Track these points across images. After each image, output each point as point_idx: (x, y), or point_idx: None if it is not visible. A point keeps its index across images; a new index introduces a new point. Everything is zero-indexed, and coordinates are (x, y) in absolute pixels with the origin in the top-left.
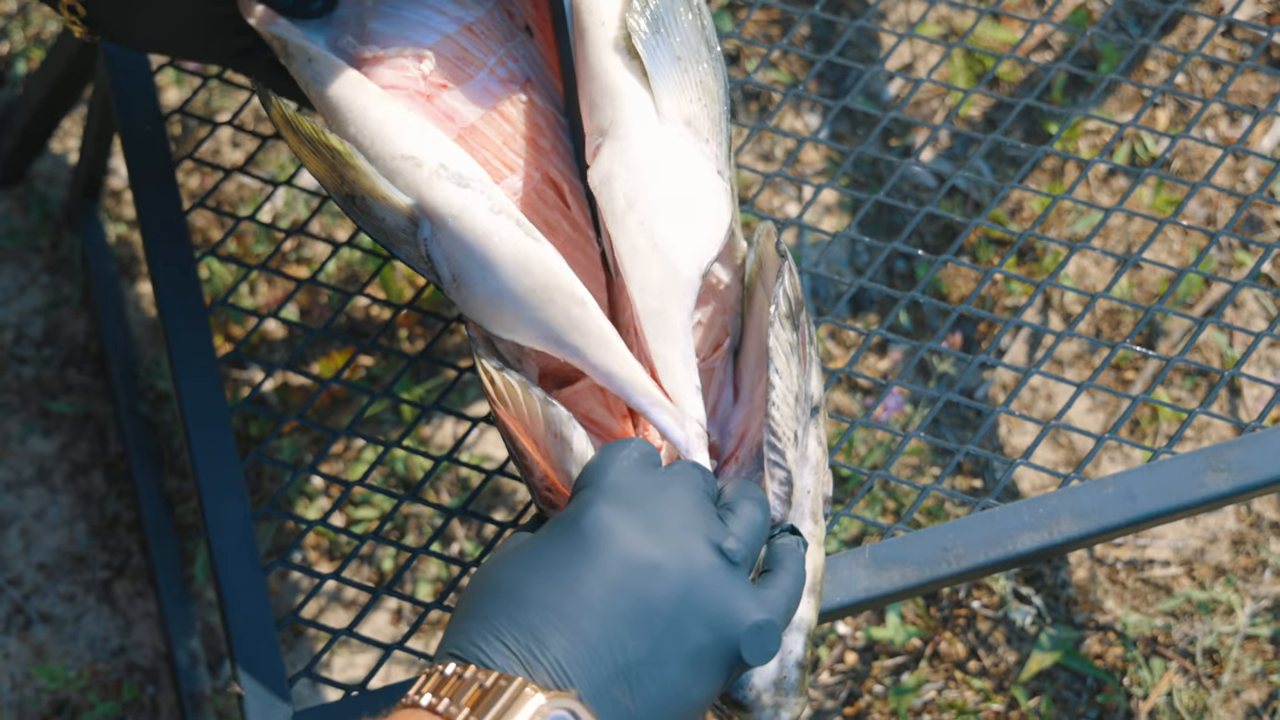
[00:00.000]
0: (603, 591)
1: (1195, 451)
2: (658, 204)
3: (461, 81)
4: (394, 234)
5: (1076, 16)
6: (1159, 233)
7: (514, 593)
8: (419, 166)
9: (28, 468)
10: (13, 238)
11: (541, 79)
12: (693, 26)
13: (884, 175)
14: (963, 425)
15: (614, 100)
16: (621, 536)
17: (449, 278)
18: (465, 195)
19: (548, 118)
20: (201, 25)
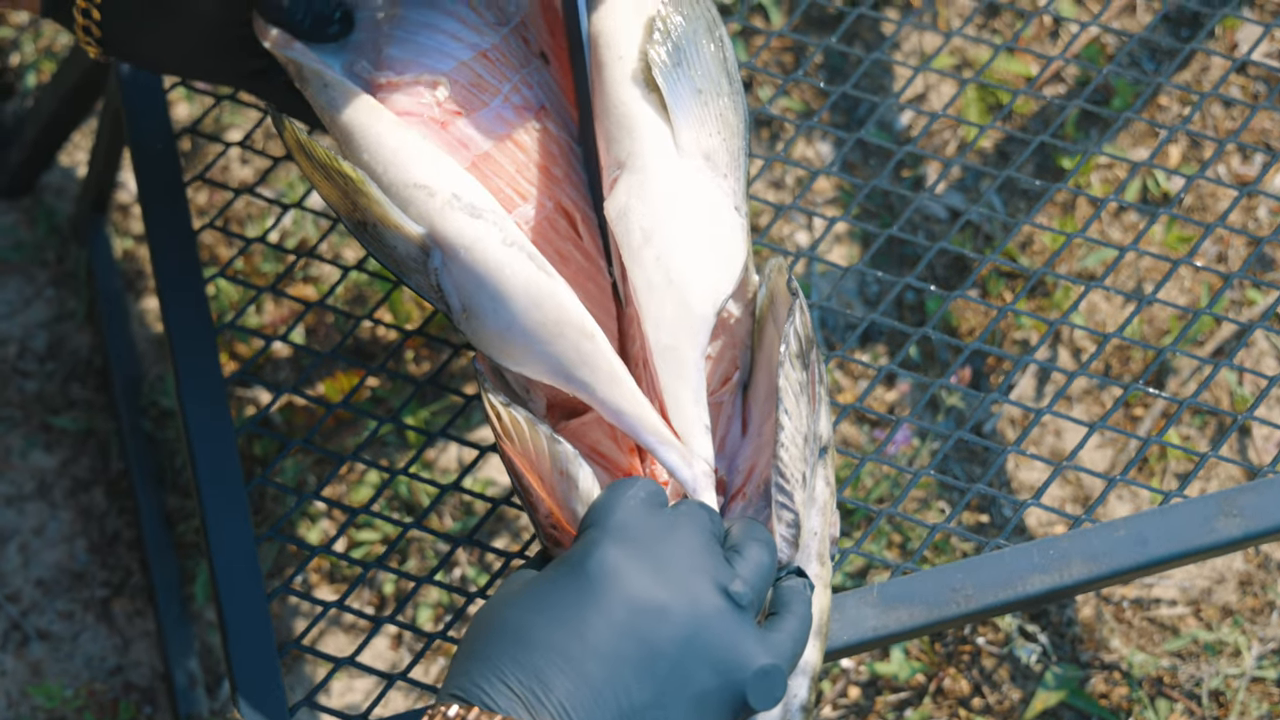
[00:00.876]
0: (608, 634)
1: (1207, 496)
2: (675, 239)
3: (476, 109)
4: (405, 262)
5: (1090, 51)
6: (1173, 273)
7: (518, 634)
8: (431, 196)
9: (28, 482)
10: (19, 250)
11: (556, 106)
12: (714, 58)
13: (894, 205)
14: (970, 458)
15: (632, 133)
16: (627, 578)
17: (459, 308)
18: (478, 226)
19: (561, 146)
20: (216, 47)
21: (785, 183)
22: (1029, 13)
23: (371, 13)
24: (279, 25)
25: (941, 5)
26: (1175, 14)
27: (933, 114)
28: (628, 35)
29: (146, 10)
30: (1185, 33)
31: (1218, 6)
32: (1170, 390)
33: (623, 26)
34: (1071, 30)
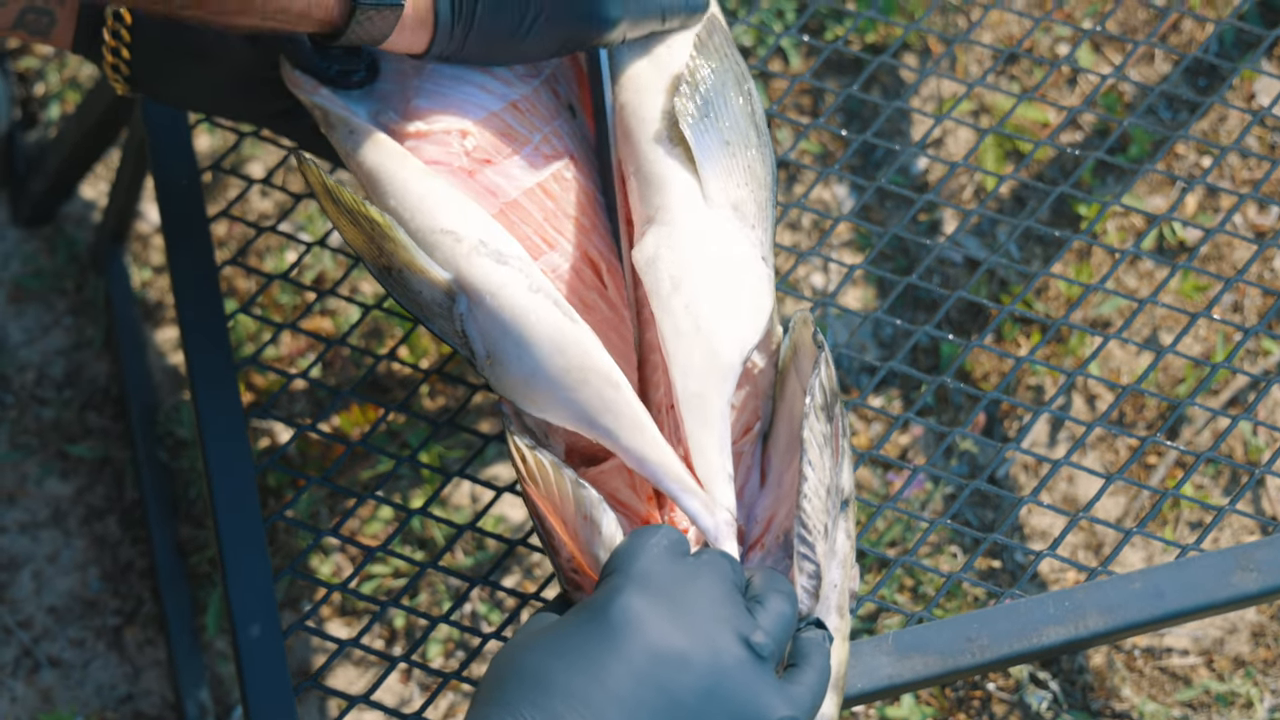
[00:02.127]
0: (629, 682)
1: (1224, 550)
2: (703, 288)
3: (505, 157)
4: (430, 307)
5: (1109, 100)
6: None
7: (539, 679)
8: (458, 242)
9: (43, 510)
10: (39, 279)
11: (585, 157)
12: (742, 111)
13: (910, 249)
14: (983, 504)
15: (660, 186)
16: (649, 626)
17: (483, 354)
18: (503, 272)
19: (589, 196)
20: (244, 89)
21: (802, 226)
22: (1048, 62)
23: (399, 64)
24: (307, 71)
25: (961, 53)
26: (1194, 65)
27: (951, 162)
28: (656, 89)
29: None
30: (1203, 83)
31: (1236, 59)
32: (1184, 440)
33: (651, 80)
34: (1090, 80)
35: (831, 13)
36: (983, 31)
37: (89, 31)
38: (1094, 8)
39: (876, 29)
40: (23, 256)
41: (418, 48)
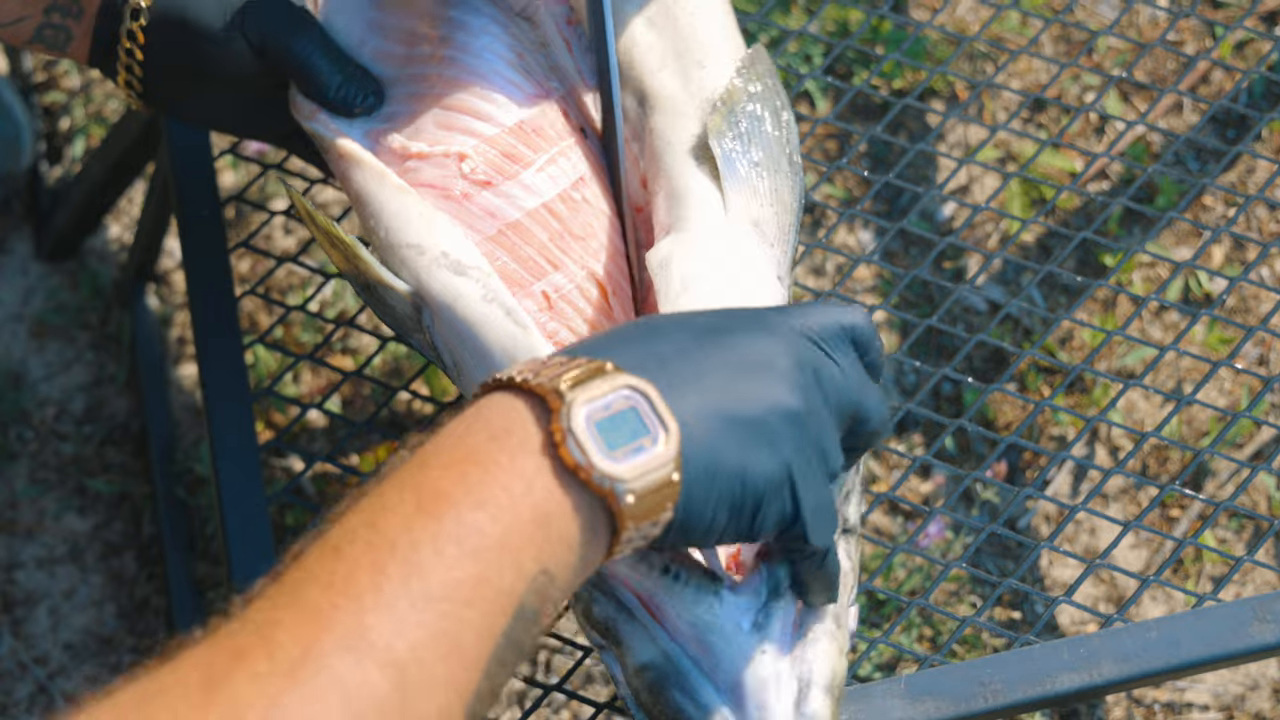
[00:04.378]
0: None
1: (1242, 601)
2: (713, 292)
3: (507, 178)
4: (404, 322)
5: (1135, 149)
6: (1212, 375)
7: (654, 329)
8: (421, 254)
9: (60, 545)
10: (61, 313)
11: (597, 179)
12: (775, 139)
13: (933, 294)
14: (1003, 553)
15: (683, 199)
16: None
17: (451, 364)
18: (459, 284)
19: (600, 217)
20: (253, 108)
21: (825, 270)
22: (1075, 109)
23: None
24: (310, 97)
25: (987, 98)
26: (1222, 115)
27: (976, 206)
28: (688, 113)
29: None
30: (1231, 134)
31: (1265, 109)
32: (1207, 491)
33: (684, 104)
34: (1117, 128)
35: (859, 56)
36: (1010, 77)
37: (104, 46)
38: (1122, 56)
39: (903, 73)
40: (46, 291)
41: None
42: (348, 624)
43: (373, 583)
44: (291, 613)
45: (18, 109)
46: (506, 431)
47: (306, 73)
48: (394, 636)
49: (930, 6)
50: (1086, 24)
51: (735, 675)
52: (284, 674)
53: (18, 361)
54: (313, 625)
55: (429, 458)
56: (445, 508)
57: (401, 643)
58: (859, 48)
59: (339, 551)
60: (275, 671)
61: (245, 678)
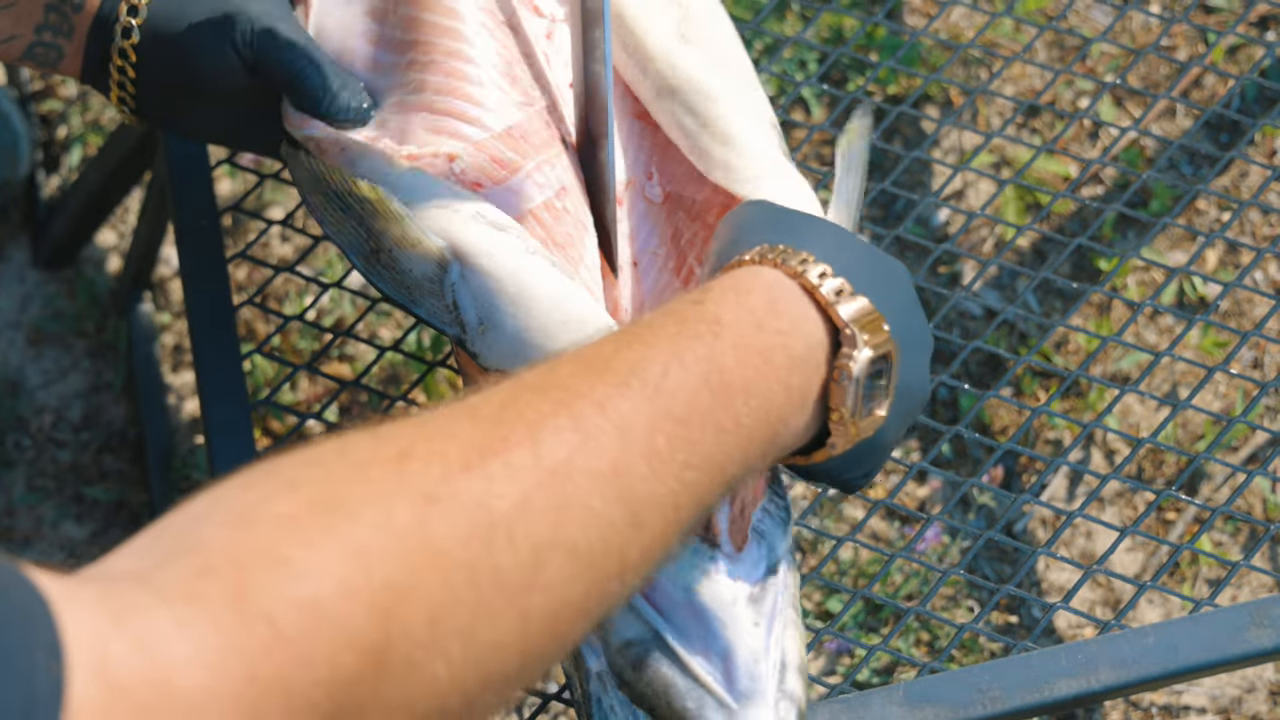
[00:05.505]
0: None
1: (1239, 606)
2: None
3: (495, 183)
4: (419, 284)
5: (1129, 154)
6: (1208, 380)
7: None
8: (455, 212)
9: (58, 553)
10: (58, 321)
11: (575, 187)
12: (858, 189)
13: (930, 301)
14: (1000, 557)
15: (797, 197)
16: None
17: (475, 323)
18: (500, 236)
19: (580, 227)
20: (244, 119)
21: None
22: (1069, 114)
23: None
24: (304, 110)
25: (982, 104)
26: (1215, 120)
27: (971, 212)
28: (755, 117)
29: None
30: (1225, 139)
31: (1258, 114)
32: (1203, 495)
33: (748, 106)
34: (1111, 133)
35: (853, 63)
36: (1004, 83)
37: (96, 63)
38: (1116, 62)
39: (898, 80)
40: (43, 299)
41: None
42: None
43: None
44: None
45: (15, 118)
46: (805, 360)
47: (298, 85)
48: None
49: (925, 13)
50: (1080, 30)
51: (728, 646)
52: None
53: (15, 369)
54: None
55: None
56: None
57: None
58: (854, 54)
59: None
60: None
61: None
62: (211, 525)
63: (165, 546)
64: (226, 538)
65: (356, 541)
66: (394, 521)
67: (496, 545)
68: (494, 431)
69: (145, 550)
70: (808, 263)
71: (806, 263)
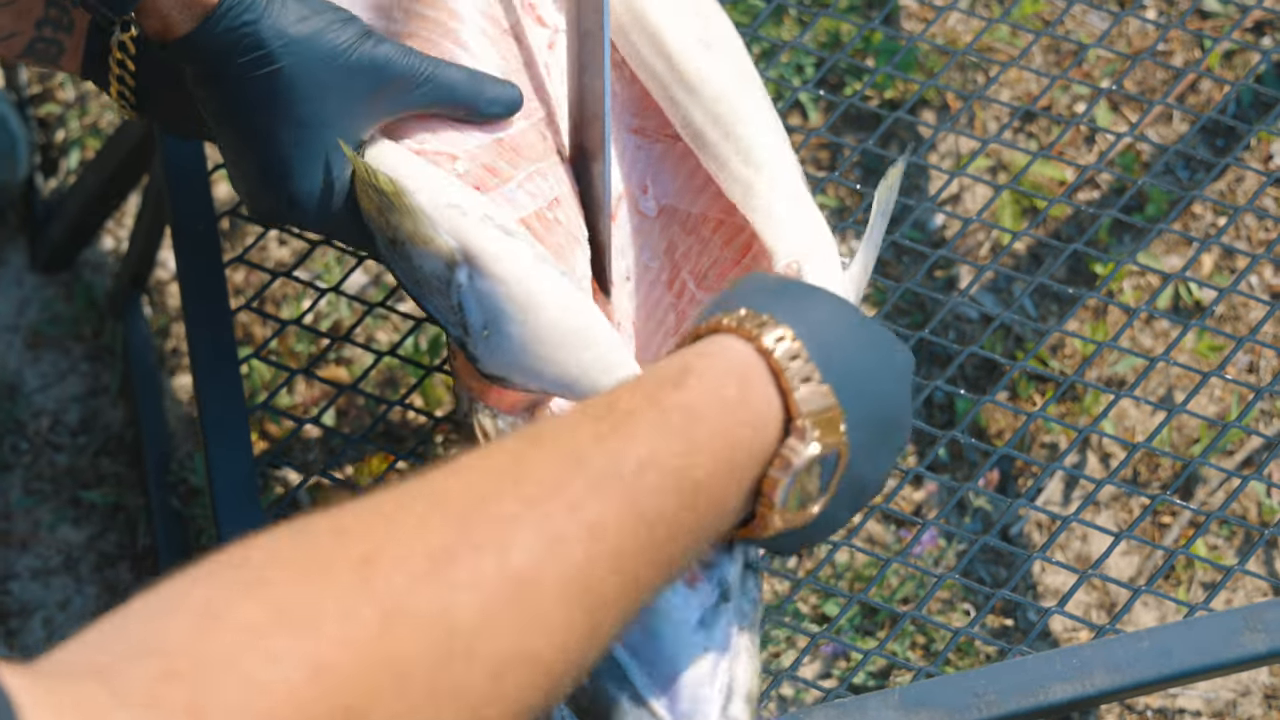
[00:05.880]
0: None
1: (1233, 610)
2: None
3: (490, 189)
4: (428, 282)
5: (1125, 159)
6: (1203, 385)
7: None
8: (464, 214)
9: (55, 556)
10: (56, 324)
11: (569, 198)
12: (883, 238)
13: (925, 303)
14: (996, 560)
15: (816, 236)
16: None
17: (480, 326)
18: (510, 241)
19: (570, 240)
20: None
21: None
22: (1065, 119)
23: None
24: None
25: (978, 109)
26: (1211, 126)
27: (967, 217)
28: (774, 134)
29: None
30: (1221, 144)
31: (1254, 120)
32: (1198, 499)
33: (767, 122)
34: (1107, 139)
35: (850, 68)
36: (1001, 89)
37: (96, 58)
38: (1112, 67)
39: (895, 85)
40: (41, 302)
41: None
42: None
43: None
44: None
45: (13, 121)
46: (764, 452)
47: (444, 92)
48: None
49: (922, 18)
50: (1076, 35)
51: (675, 669)
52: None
53: (12, 372)
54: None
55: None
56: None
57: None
58: (851, 60)
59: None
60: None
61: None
62: (176, 623)
63: (128, 641)
64: (190, 640)
65: (317, 657)
66: (356, 635)
67: (457, 661)
68: (461, 532)
69: (109, 642)
70: (784, 340)
71: (783, 340)
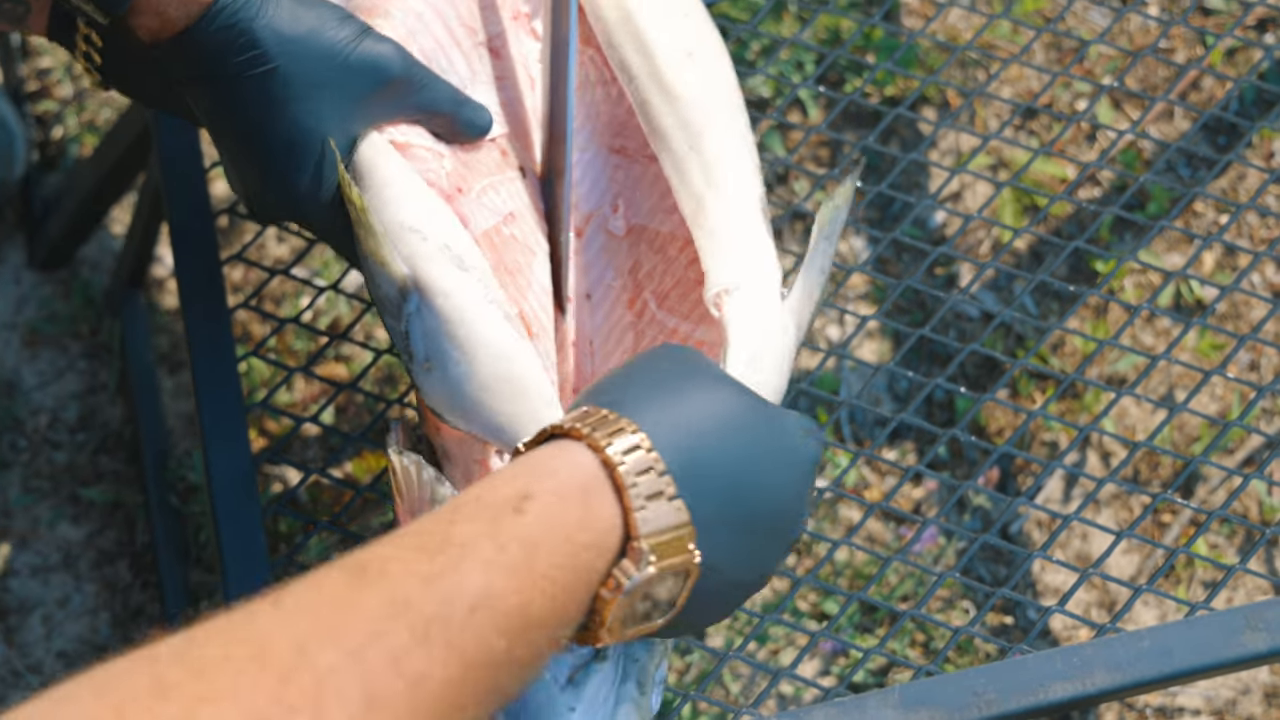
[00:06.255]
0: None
1: (1234, 609)
2: (762, 380)
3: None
4: (384, 303)
5: (1127, 156)
6: (1205, 383)
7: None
8: (424, 240)
9: (54, 554)
10: (53, 322)
11: (529, 217)
12: (831, 258)
13: (926, 301)
14: (995, 558)
15: (753, 260)
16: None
17: (422, 357)
18: (461, 278)
19: (528, 255)
20: None
21: None
22: (1066, 116)
23: None
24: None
25: (979, 106)
26: (1213, 123)
27: (968, 215)
28: (740, 151)
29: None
30: (1223, 141)
31: (1256, 117)
32: (1199, 498)
33: (748, 165)
34: (1109, 136)
35: (850, 65)
36: (1001, 86)
37: (63, 20)
38: (1114, 64)
39: (895, 82)
40: (38, 300)
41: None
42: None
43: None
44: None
45: (10, 118)
46: (603, 573)
47: (432, 103)
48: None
49: (922, 15)
50: (1078, 32)
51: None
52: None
53: (10, 370)
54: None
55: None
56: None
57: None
58: (851, 56)
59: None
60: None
61: None
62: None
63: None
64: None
65: None
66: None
67: None
68: (278, 691)
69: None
70: (637, 450)
71: (635, 450)
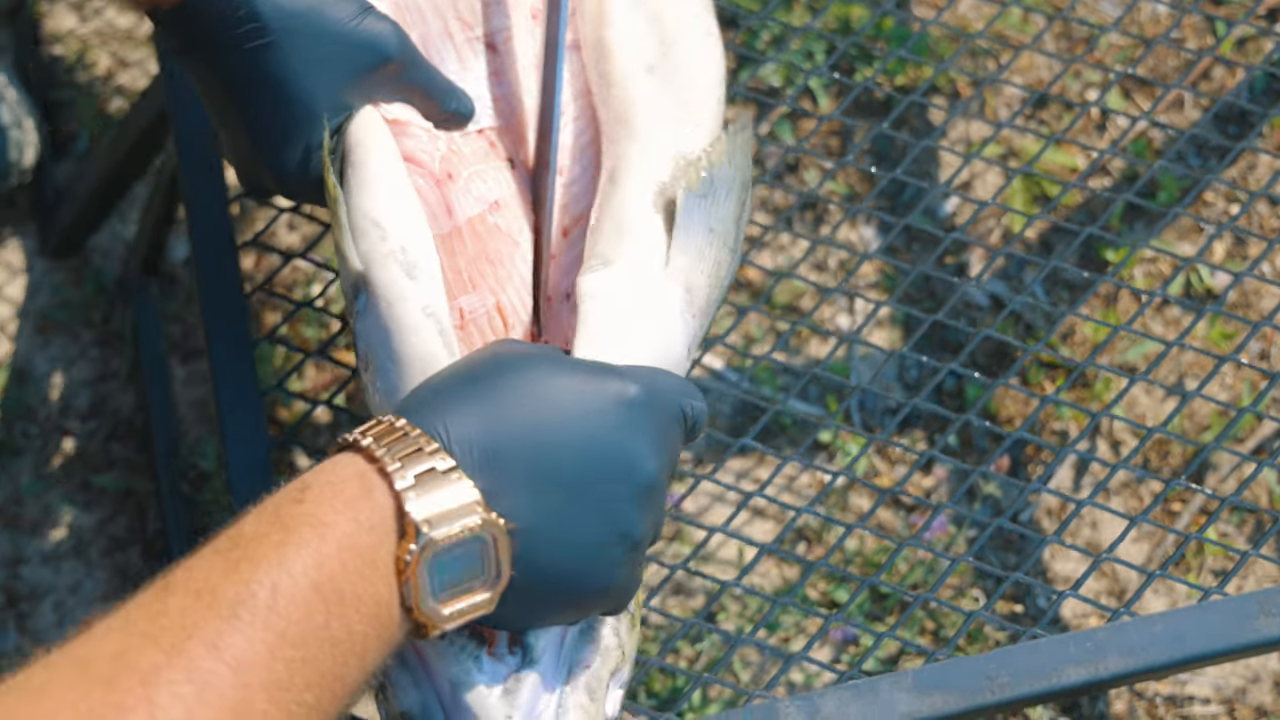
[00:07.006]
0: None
1: (1246, 595)
2: (628, 350)
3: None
4: (345, 291)
5: (1138, 145)
6: (1217, 371)
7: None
8: (383, 240)
9: (66, 541)
10: (65, 310)
11: (514, 207)
12: (733, 215)
13: (936, 289)
14: (1005, 546)
15: (630, 235)
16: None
17: (363, 357)
18: (407, 286)
19: (510, 248)
20: None
21: (828, 265)
22: (1077, 105)
23: None
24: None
25: (990, 95)
26: (1224, 111)
27: (979, 202)
28: (665, 153)
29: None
30: (1234, 130)
31: (1267, 105)
32: (1209, 484)
33: (664, 141)
34: (1119, 124)
35: (861, 54)
36: (1012, 74)
37: None
38: (1124, 53)
39: (906, 70)
40: (50, 288)
41: None
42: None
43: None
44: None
45: (23, 105)
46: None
47: (425, 85)
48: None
49: (933, 4)
50: (1089, 20)
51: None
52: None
53: (22, 358)
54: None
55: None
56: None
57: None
58: (862, 45)
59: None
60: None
61: None
62: None
63: None
64: None
65: None
66: None
67: None
68: (107, 697)
69: None
70: (402, 435)
71: (399, 436)
